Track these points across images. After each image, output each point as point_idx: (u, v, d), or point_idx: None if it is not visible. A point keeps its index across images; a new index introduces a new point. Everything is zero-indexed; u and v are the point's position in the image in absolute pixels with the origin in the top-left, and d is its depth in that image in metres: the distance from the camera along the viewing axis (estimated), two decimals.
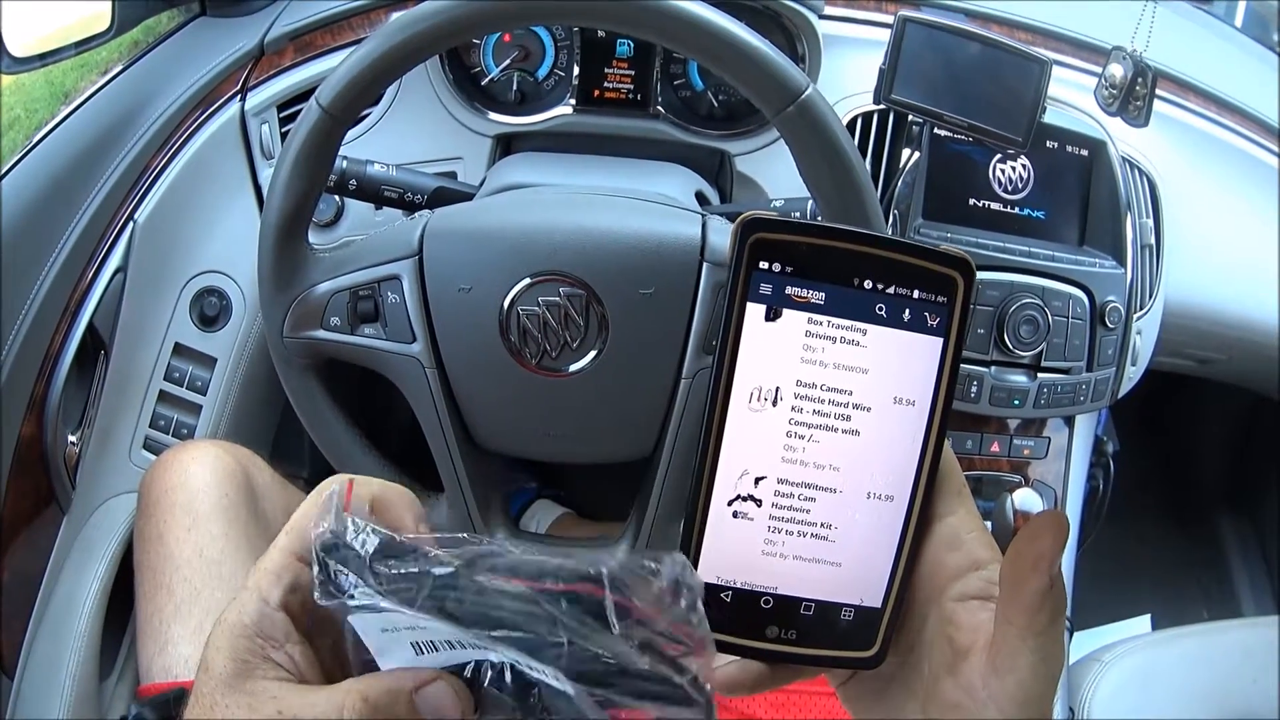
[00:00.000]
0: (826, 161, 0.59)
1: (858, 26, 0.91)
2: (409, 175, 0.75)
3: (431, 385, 0.63)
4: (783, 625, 0.32)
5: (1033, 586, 0.28)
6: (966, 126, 0.80)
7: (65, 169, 0.83)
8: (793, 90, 0.57)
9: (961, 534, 0.32)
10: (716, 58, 0.57)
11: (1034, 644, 0.28)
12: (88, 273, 0.84)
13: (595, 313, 0.60)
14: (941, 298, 0.31)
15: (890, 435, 0.31)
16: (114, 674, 0.88)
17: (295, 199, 0.61)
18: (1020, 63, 0.78)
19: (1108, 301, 0.84)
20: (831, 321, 0.30)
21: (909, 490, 0.32)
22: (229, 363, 0.89)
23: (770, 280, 0.30)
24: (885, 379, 0.31)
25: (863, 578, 0.32)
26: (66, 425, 0.85)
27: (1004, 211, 0.86)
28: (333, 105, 0.59)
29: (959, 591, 0.31)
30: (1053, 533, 0.28)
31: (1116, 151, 0.87)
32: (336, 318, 0.63)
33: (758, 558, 0.32)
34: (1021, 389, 0.83)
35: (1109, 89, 0.82)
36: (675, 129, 0.87)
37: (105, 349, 0.86)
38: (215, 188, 0.89)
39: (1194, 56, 1.01)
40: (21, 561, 0.84)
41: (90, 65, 0.99)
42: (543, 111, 0.87)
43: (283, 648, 0.30)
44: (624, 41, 0.86)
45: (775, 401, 0.31)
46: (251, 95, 0.88)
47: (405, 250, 0.62)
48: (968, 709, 0.30)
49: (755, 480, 0.31)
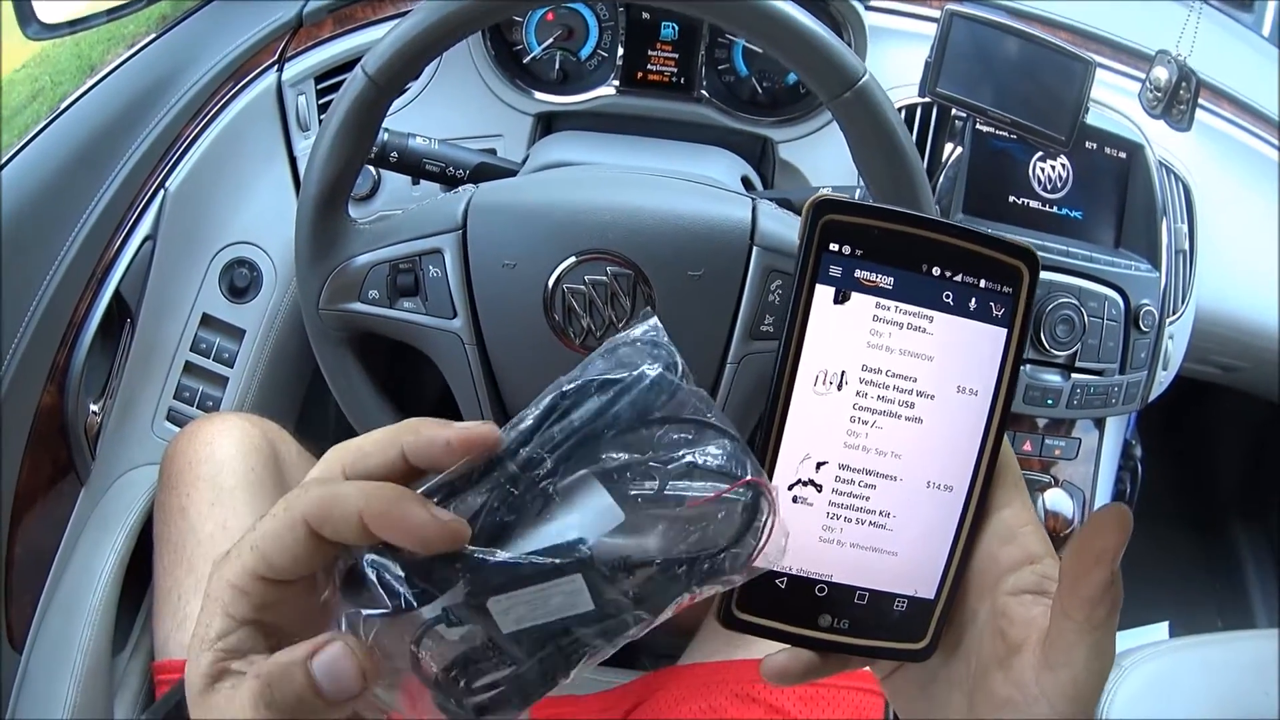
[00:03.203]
0: (882, 149, 0.59)
1: (901, 19, 0.90)
2: (451, 150, 0.74)
3: (470, 361, 0.63)
4: (836, 614, 0.32)
5: (1094, 579, 0.27)
6: (1010, 123, 0.79)
7: (94, 136, 0.82)
8: (850, 76, 0.57)
9: (1016, 528, 0.31)
10: (775, 41, 0.57)
11: (1090, 639, 0.28)
12: (116, 240, 0.83)
13: (643, 293, 0.60)
14: (1007, 288, 0.31)
15: (952, 424, 0.31)
16: (127, 648, 0.87)
17: (337, 168, 0.61)
18: (1065, 62, 0.78)
19: (1142, 304, 0.84)
20: (899, 307, 0.30)
21: (968, 481, 0.31)
22: (257, 335, 0.88)
23: (840, 263, 0.30)
24: (949, 367, 0.31)
25: (918, 568, 0.32)
26: (88, 395, 0.84)
27: (1042, 210, 0.85)
28: (379, 74, 0.58)
29: (1013, 585, 0.31)
30: (1117, 527, 0.28)
31: (1154, 155, 0.87)
32: (375, 291, 0.63)
33: (815, 544, 0.31)
34: (1055, 388, 0.82)
35: (1154, 92, 0.82)
36: (719, 113, 0.86)
37: (131, 318, 0.85)
38: (249, 158, 0.88)
39: (1228, 64, 1.01)
40: (36, 533, 0.82)
41: (117, 38, 0.98)
42: (585, 91, 0.86)
43: (245, 658, 0.29)
44: (669, 24, 0.86)
45: (840, 385, 0.31)
46: (289, 66, 0.87)
47: (449, 224, 0.61)
48: (1018, 704, 0.29)
49: (817, 465, 0.31)
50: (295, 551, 0.28)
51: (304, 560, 0.28)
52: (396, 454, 0.29)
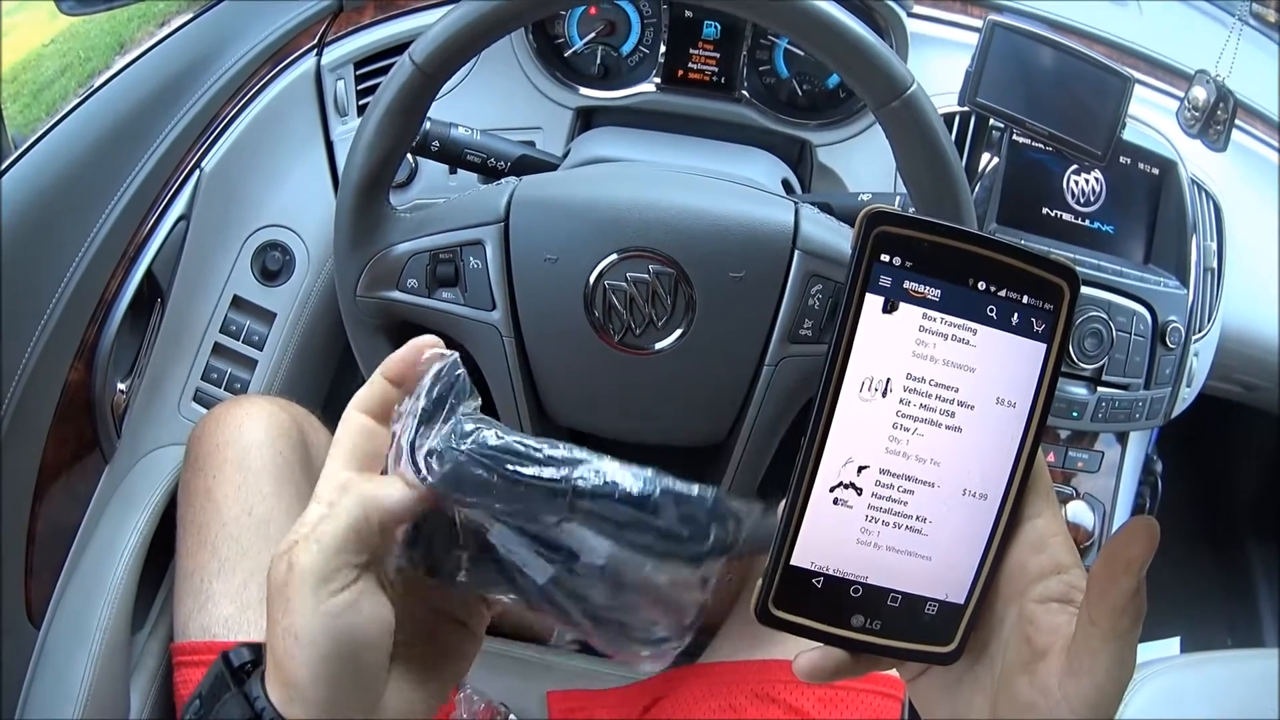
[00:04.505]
0: (926, 158, 0.59)
1: (941, 27, 0.90)
2: (493, 140, 0.74)
3: (508, 354, 0.63)
4: (869, 615, 0.33)
5: (1121, 588, 0.28)
6: (1047, 135, 0.79)
7: (130, 113, 0.81)
8: (899, 85, 0.57)
9: (1046, 537, 0.32)
10: (824, 46, 0.57)
11: (1114, 647, 0.29)
12: (149, 219, 0.83)
13: (684, 293, 0.60)
14: (1048, 305, 0.31)
15: (990, 434, 0.32)
16: (146, 628, 0.87)
17: (381, 155, 0.61)
18: (1104, 77, 0.78)
19: (1169, 321, 0.84)
20: (944, 319, 0.31)
21: (1002, 490, 0.32)
22: (288, 319, 0.88)
23: (890, 273, 0.31)
24: (990, 379, 0.31)
25: (950, 573, 0.33)
26: (116, 373, 0.83)
27: (1075, 223, 0.86)
28: (427, 62, 0.58)
29: (1041, 593, 0.31)
30: (1146, 538, 0.28)
31: (1186, 172, 0.87)
32: (414, 279, 0.63)
33: (853, 546, 0.32)
34: (1081, 401, 0.83)
35: (1192, 111, 0.82)
36: (759, 114, 0.86)
37: (162, 297, 0.85)
38: (286, 141, 0.87)
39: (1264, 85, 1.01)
40: (58, 510, 0.82)
41: (150, 16, 0.98)
42: (626, 87, 0.86)
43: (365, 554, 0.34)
44: (711, 23, 0.86)
45: (885, 393, 0.31)
46: (328, 51, 0.87)
47: (491, 216, 0.61)
48: (1040, 708, 0.30)
49: (859, 469, 0.32)
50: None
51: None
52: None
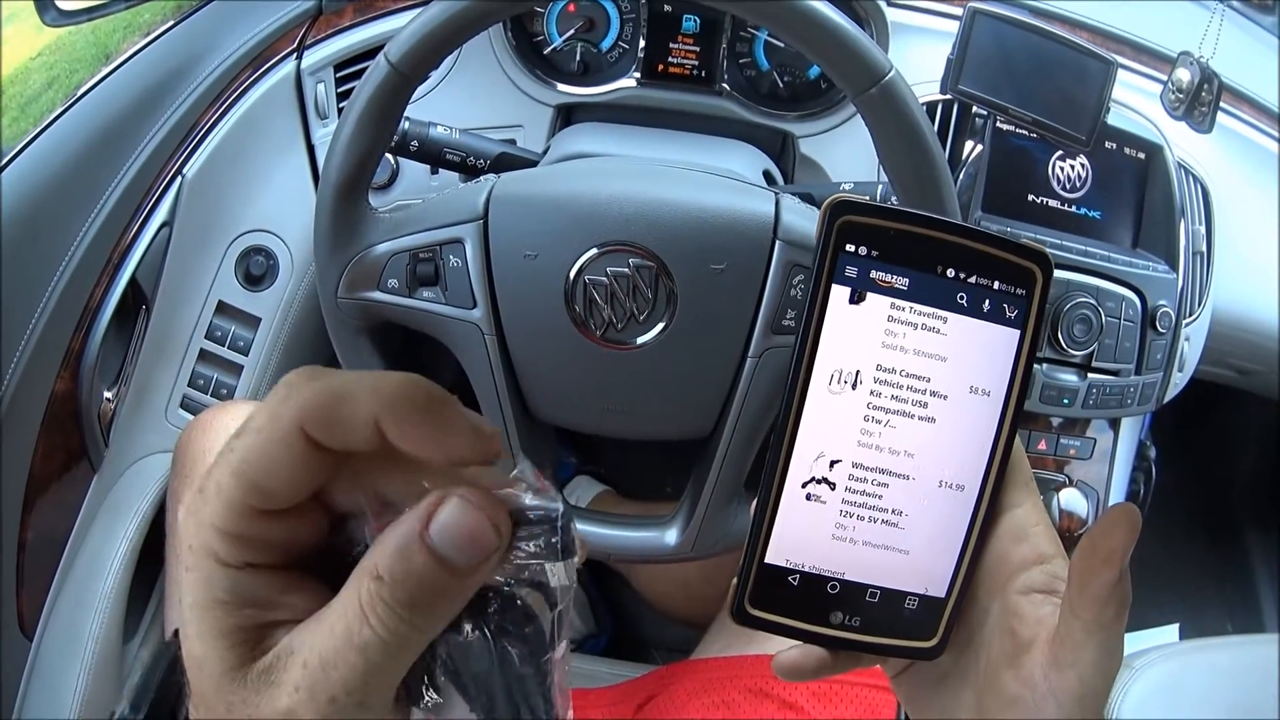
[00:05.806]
0: (906, 145, 0.58)
1: (922, 15, 0.90)
2: (472, 139, 0.74)
3: (490, 352, 0.62)
4: (847, 611, 0.32)
5: (1103, 578, 0.28)
6: (1031, 122, 0.79)
7: (112, 121, 0.81)
8: (876, 72, 0.57)
9: (1027, 527, 0.32)
10: (801, 35, 0.56)
11: (1098, 638, 0.28)
12: (132, 226, 0.83)
13: (664, 286, 0.59)
14: (1020, 290, 0.31)
15: (965, 424, 0.31)
16: (137, 636, 0.87)
17: (359, 156, 0.61)
18: (1086, 62, 0.78)
19: (1159, 305, 0.84)
20: (914, 308, 0.31)
21: (980, 480, 0.32)
22: (273, 323, 0.88)
23: (856, 263, 0.30)
24: (963, 368, 0.31)
25: (929, 567, 0.32)
26: (103, 381, 0.83)
27: (1061, 209, 0.85)
28: (402, 62, 0.58)
29: (1023, 584, 0.31)
30: (1126, 526, 0.28)
31: (1173, 156, 0.86)
32: (394, 280, 0.62)
33: (828, 542, 0.32)
34: (1071, 388, 0.82)
35: (1175, 93, 0.82)
36: (740, 107, 0.86)
37: (147, 304, 0.85)
38: (267, 145, 0.87)
39: (1248, 67, 1.01)
40: (48, 520, 0.82)
41: (134, 26, 0.97)
42: (606, 83, 0.86)
43: (275, 607, 0.24)
44: (690, 17, 0.85)
45: (855, 385, 0.31)
46: (308, 54, 0.87)
47: (470, 214, 0.61)
48: (1026, 702, 0.29)
49: (830, 463, 0.31)
50: (292, 470, 0.22)
51: (304, 480, 0.23)
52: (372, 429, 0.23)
